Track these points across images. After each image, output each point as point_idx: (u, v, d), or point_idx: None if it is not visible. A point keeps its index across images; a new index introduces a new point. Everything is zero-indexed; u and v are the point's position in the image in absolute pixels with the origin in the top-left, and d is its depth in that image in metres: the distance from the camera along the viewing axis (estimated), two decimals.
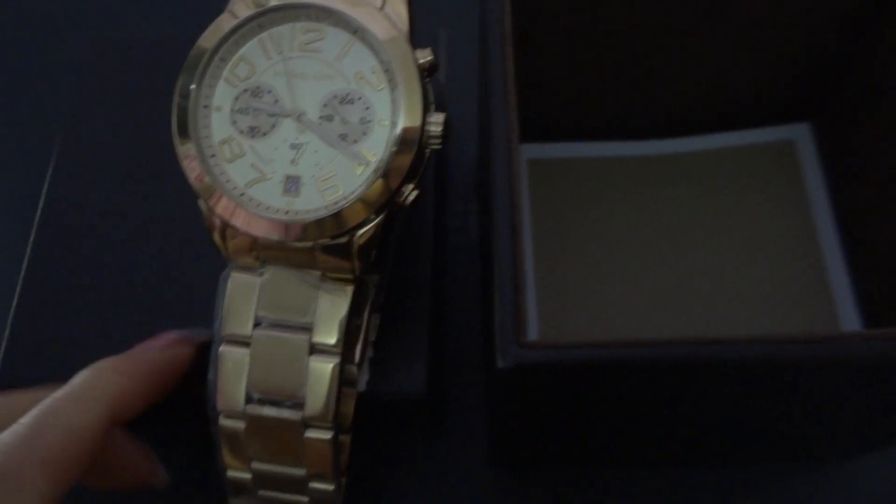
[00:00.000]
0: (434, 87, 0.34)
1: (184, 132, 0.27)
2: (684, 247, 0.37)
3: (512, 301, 0.21)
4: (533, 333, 0.35)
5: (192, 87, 0.27)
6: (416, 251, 0.33)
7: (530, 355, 0.21)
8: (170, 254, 0.33)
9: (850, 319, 0.35)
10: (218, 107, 0.27)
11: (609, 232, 0.37)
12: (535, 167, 0.39)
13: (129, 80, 0.36)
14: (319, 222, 0.26)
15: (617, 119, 0.38)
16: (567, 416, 0.27)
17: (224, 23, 0.27)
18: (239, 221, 0.26)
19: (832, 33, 0.34)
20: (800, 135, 0.38)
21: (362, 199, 0.26)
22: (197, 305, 0.32)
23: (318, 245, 0.26)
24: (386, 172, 0.26)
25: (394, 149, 0.26)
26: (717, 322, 0.35)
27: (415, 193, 0.26)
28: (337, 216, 0.26)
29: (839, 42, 0.34)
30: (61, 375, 0.31)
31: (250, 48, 0.27)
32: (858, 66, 0.35)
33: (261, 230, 0.26)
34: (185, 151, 0.27)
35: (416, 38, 0.35)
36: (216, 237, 0.28)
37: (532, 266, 0.37)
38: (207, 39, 0.27)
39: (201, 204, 0.27)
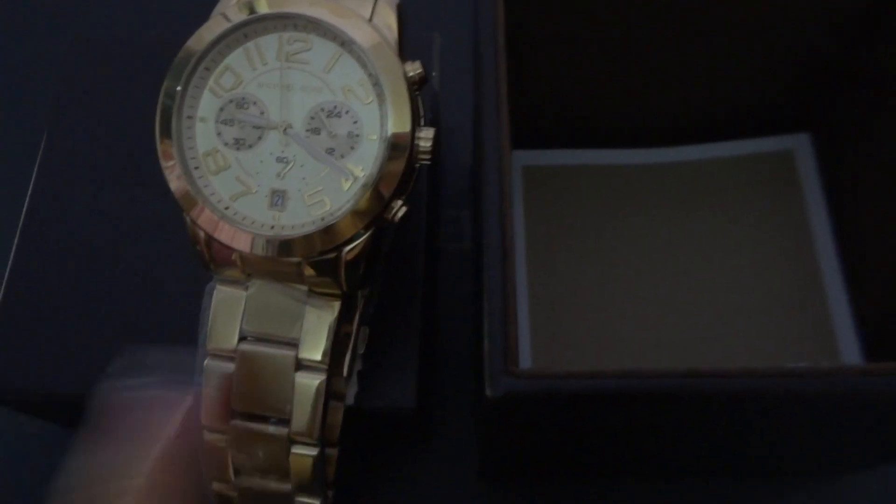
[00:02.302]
0: (427, 94, 0.34)
1: (167, 143, 0.26)
2: (681, 258, 0.37)
3: (501, 330, 0.21)
4: (525, 349, 0.35)
5: (176, 96, 0.26)
6: (408, 263, 0.32)
7: (519, 385, 0.20)
8: (155, 258, 0.33)
9: (846, 331, 0.35)
10: (202, 117, 0.26)
11: (604, 241, 0.37)
12: (529, 174, 0.38)
13: (113, 81, 0.36)
14: (306, 238, 0.25)
15: (614, 127, 0.38)
16: (556, 438, 0.27)
17: (214, 26, 0.26)
18: (223, 235, 0.26)
19: (832, 43, 0.33)
20: (799, 145, 0.38)
21: (350, 215, 0.25)
22: (182, 312, 0.32)
23: (305, 261, 0.26)
24: (374, 188, 0.25)
25: (382, 164, 0.25)
26: (714, 337, 0.35)
27: (403, 209, 0.26)
28: (324, 232, 0.25)
29: (839, 52, 0.34)
30: (44, 379, 0.31)
31: (236, 57, 0.26)
32: (858, 76, 0.34)
33: (246, 245, 0.26)
34: (169, 162, 0.26)
35: (409, 44, 0.35)
36: (200, 249, 0.27)
37: (525, 278, 0.36)
38: (193, 46, 0.26)
39: (185, 215, 0.27)
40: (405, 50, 0.28)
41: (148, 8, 0.48)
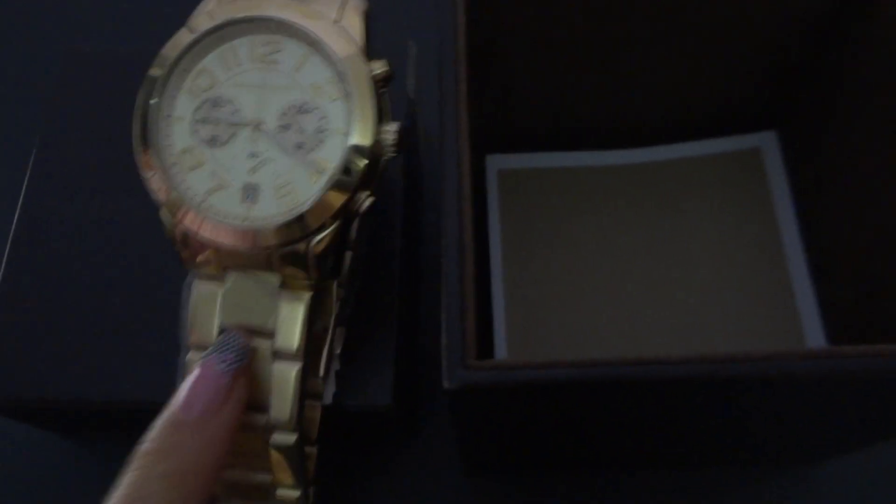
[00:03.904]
0: (403, 102, 0.35)
1: (145, 143, 0.27)
2: (653, 254, 0.37)
3: (458, 323, 0.22)
4: (501, 348, 0.36)
5: (154, 99, 0.27)
6: (384, 265, 0.33)
7: (476, 376, 0.21)
8: (145, 265, 0.34)
9: (813, 324, 0.35)
10: (179, 117, 0.28)
11: (579, 241, 0.38)
12: (504, 177, 0.39)
13: (104, 92, 0.37)
14: (276, 228, 0.27)
15: (585, 129, 0.39)
16: (525, 429, 0.27)
17: (182, 38, 0.28)
18: (199, 229, 0.27)
19: (797, 42, 0.34)
20: (766, 142, 0.39)
21: (317, 206, 0.26)
22: (173, 317, 0.32)
23: (276, 252, 0.27)
24: (340, 180, 0.26)
25: (348, 157, 0.26)
26: (686, 331, 0.36)
27: (369, 201, 0.27)
28: (292, 222, 0.27)
29: (804, 51, 0.34)
30: (39, 386, 0.32)
31: (211, 60, 0.28)
32: (822, 75, 0.35)
33: (219, 237, 0.27)
34: (147, 162, 0.27)
35: (385, 53, 0.36)
36: (178, 247, 0.28)
37: (501, 280, 0.37)
38: (168, 52, 0.28)
39: (163, 214, 0.28)
40: (380, 58, 0.29)
41: (138, 21, 0.49)
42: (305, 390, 0.29)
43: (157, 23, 0.48)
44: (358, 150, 0.26)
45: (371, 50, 0.29)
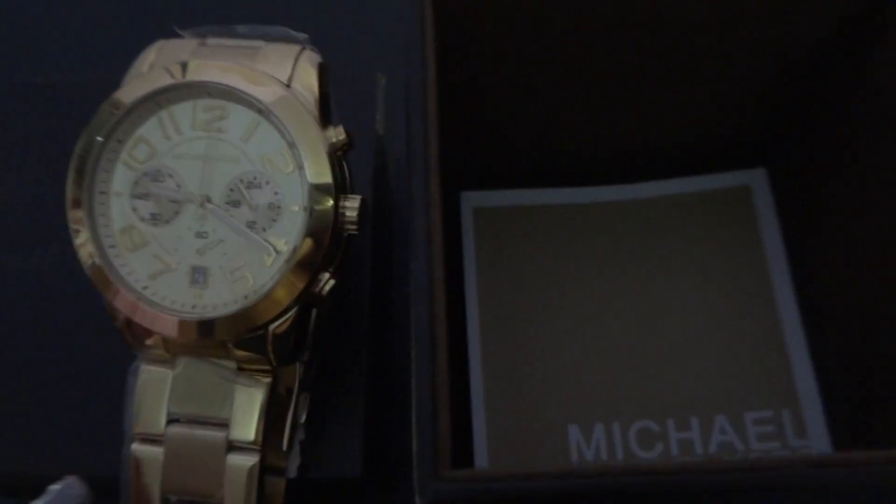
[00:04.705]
0: (371, 139, 0.33)
1: (79, 220, 0.25)
2: (638, 298, 0.36)
3: (430, 428, 0.20)
4: (479, 420, 0.34)
5: (87, 171, 0.25)
6: (351, 324, 0.31)
7: (451, 489, 0.19)
8: (91, 320, 0.31)
9: (802, 363, 0.34)
10: (117, 192, 0.25)
11: (559, 285, 0.36)
12: (480, 215, 0.37)
13: (43, 126, 0.34)
14: (230, 318, 0.24)
15: (567, 164, 0.37)
16: None
17: (126, 94, 0.24)
18: (142, 318, 0.24)
19: (787, 77, 0.33)
20: (756, 180, 0.37)
21: (275, 292, 0.24)
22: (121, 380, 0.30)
23: (231, 340, 0.25)
24: (299, 262, 0.24)
25: (305, 237, 0.24)
26: (674, 382, 0.34)
27: (332, 283, 0.25)
28: (248, 311, 0.24)
29: (794, 86, 0.33)
30: None
31: (149, 128, 0.25)
32: (813, 112, 0.34)
33: (166, 328, 0.24)
34: (81, 239, 0.25)
35: (353, 86, 0.34)
36: (120, 327, 0.26)
37: (478, 336, 0.35)
38: (103, 117, 0.25)
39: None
40: (347, 91, 0.26)
41: (75, 53, 0.45)
42: (266, 469, 0.27)
43: (94, 54, 0.45)
44: (316, 228, 0.24)
45: (331, 104, 0.26)
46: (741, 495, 0.19)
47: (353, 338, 0.31)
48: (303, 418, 0.29)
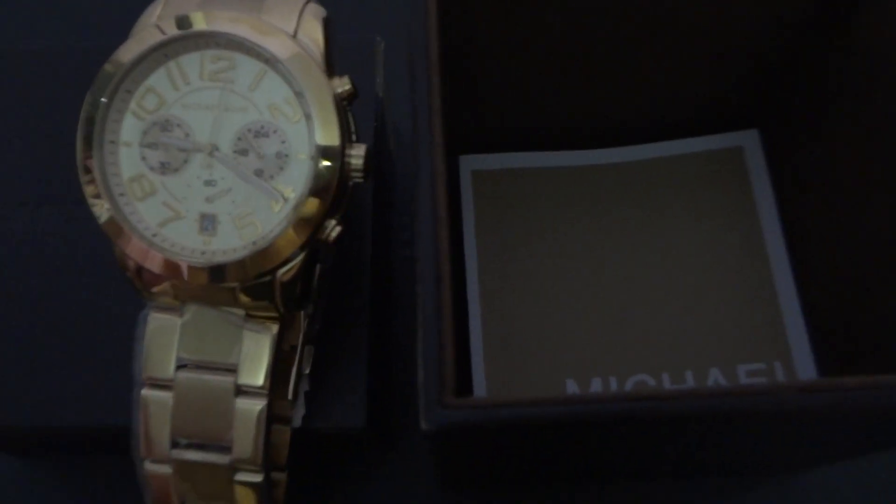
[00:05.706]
0: (371, 101, 0.33)
1: (89, 170, 0.25)
2: (633, 257, 0.36)
3: (435, 359, 0.20)
4: (478, 365, 0.34)
5: (97, 121, 0.25)
6: (354, 277, 0.32)
7: (455, 416, 0.20)
8: (96, 279, 0.31)
9: (793, 317, 0.35)
10: (126, 142, 0.25)
11: (556, 245, 0.36)
12: (478, 178, 0.38)
13: (40, 92, 0.34)
14: (239, 263, 0.25)
15: (563, 128, 0.37)
16: (506, 456, 0.26)
17: (134, 46, 0.25)
18: (153, 264, 0.25)
19: (779, 39, 0.33)
20: (748, 141, 0.37)
21: (282, 238, 0.25)
22: (126, 335, 0.30)
23: (240, 285, 0.25)
24: (306, 208, 0.24)
25: (312, 184, 0.24)
26: (669, 337, 0.35)
27: (338, 229, 0.25)
28: (256, 256, 0.25)
29: (786, 48, 0.33)
30: None
31: (157, 78, 0.25)
32: (805, 74, 0.34)
33: (176, 272, 0.25)
34: (92, 190, 0.25)
35: (352, 50, 0.34)
36: (131, 276, 0.26)
37: (478, 290, 0.36)
38: (111, 68, 0.25)
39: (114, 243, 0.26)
40: (346, 56, 0.27)
41: (70, 16, 0.45)
42: (272, 418, 0.28)
43: (90, 18, 0.45)
44: (323, 176, 0.24)
45: (335, 57, 0.26)
46: (734, 421, 0.20)
47: (356, 293, 0.32)
48: (307, 370, 0.30)
